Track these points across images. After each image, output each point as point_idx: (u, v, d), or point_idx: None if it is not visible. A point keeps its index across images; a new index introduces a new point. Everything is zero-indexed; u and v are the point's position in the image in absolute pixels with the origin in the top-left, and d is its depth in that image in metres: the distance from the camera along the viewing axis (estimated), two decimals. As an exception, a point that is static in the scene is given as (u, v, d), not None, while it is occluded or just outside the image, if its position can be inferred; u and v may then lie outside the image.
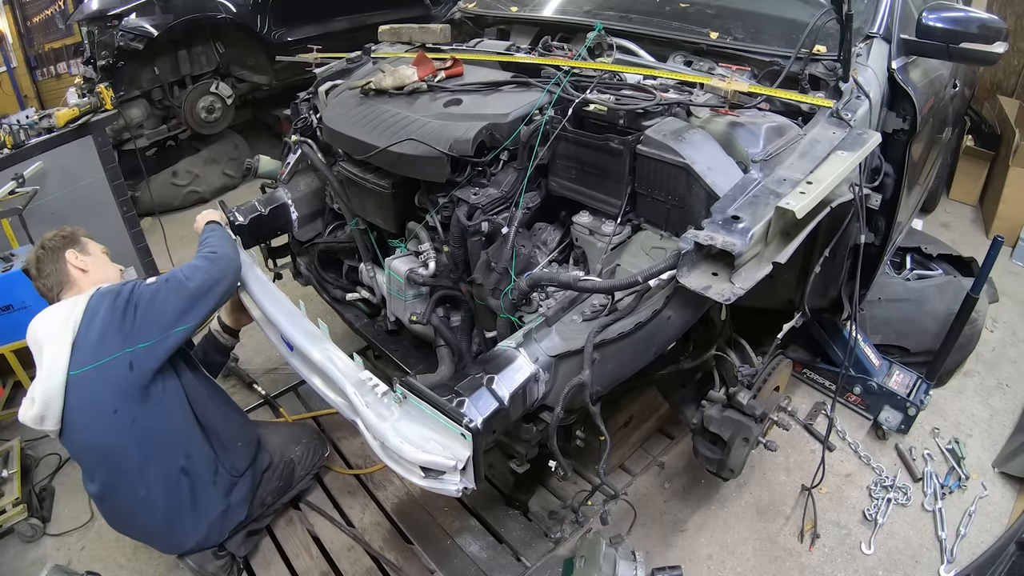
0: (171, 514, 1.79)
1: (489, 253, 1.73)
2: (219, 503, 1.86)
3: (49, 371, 1.59)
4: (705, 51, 2.09)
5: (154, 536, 1.87)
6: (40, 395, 1.60)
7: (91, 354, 1.60)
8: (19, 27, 6.07)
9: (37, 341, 1.65)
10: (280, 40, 4.54)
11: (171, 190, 4.52)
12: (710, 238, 1.30)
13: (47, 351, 1.61)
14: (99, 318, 1.62)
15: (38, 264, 1.78)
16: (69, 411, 1.61)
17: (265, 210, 2.33)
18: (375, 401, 1.42)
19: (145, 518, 1.79)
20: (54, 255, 1.78)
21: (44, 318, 1.68)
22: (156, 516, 1.78)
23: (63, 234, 1.84)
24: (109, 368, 1.61)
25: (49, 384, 1.59)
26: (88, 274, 1.81)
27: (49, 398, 1.59)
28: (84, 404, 1.62)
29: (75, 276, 1.79)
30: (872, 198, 1.76)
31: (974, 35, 1.79)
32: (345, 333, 2.70)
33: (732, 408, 1.78)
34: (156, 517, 1.78)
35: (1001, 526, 2.15)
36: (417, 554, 2.06)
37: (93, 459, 1.74)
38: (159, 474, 1.74)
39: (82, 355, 1.60)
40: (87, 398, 1.61)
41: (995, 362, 2.89)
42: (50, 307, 1.73)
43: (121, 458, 1.69)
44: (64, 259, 1.79)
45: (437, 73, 2.14)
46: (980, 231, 4.01)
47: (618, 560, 1.68)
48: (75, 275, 1.79)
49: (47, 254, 1.78)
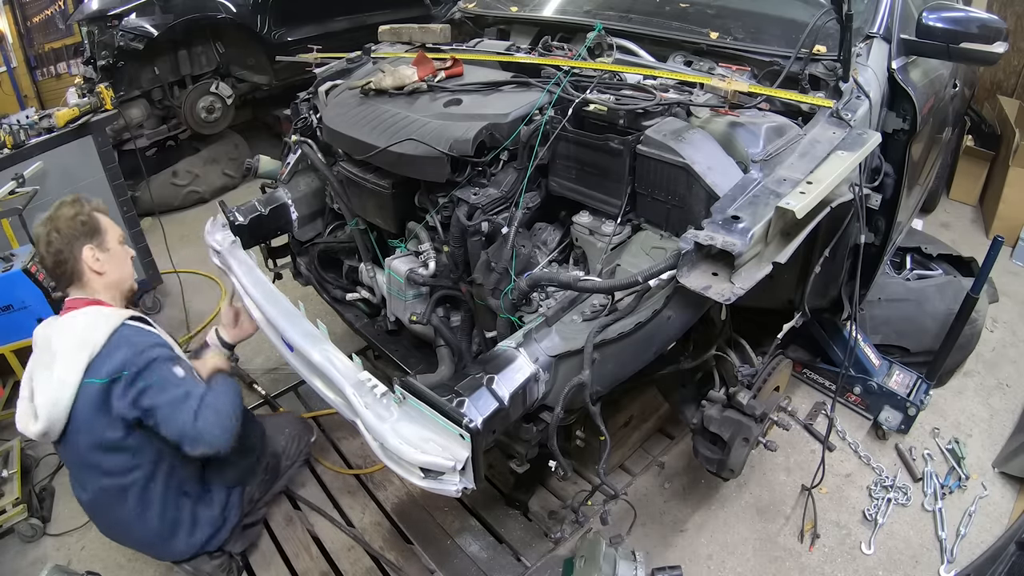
0: (168, 529, 1.76)
1: (489, 253, 1.73)
2: (218, 516, 1.85)
3: (59, 385, 1.55)
4: (705, 51, 2.08)
5: (148, 547, 1.83)
6: (46, 410, 1.55)
7: (103, 372, 1.56)
8: (19, 27, 6.06)
9: (49, 350, 1.59)
10: (280, 40, 4.54)
11: (171, 190, 4.52)
12: (710, 238, 1.30)
13: (59, 366, 1.55)
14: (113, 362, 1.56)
15: (52, 254, 1.65)
16: (72, 420, 1.58)
17: (265, 210, 2.33)
18: (374, 402, 1.42)
19: (139, 532, 1.75)
20: (70, 246, 1.65)
21: (60, 329, 1.61)
22: (150, 530, 1.74)
23: (81, 218, 1.68)
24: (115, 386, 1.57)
25: (58, 395, 1.55)
26: (103, 276, 1.71)
27: (55, 415, 1.56)
28: (89, 414, 1.57)
29: (89, 277, 1.69)
30: (872, 198, 1.76)
31: (974, 35, 1.78)
32: (345, 333, 2.70)
33: (732, 408, 1.78)
34: (150, 531, 1.74)
35: (1001, 526, 2.15)
36: (417, 554, 2.06)
37: (90, 471, 1.68)
38: (160, 491, 1.72)
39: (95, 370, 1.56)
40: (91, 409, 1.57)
41: (995, 362, 2.89)
42: (68, 318, 1.64)
43: (121, 473, 1.66)
44: (81, 256, 1.67)
45: (437, 73, 2.14)
46: (980, 231, 4.01)
47: (618, 560, 1.68)
48: (89, 276, 1.69)
49: (62, 241, 1.65)
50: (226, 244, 2.13)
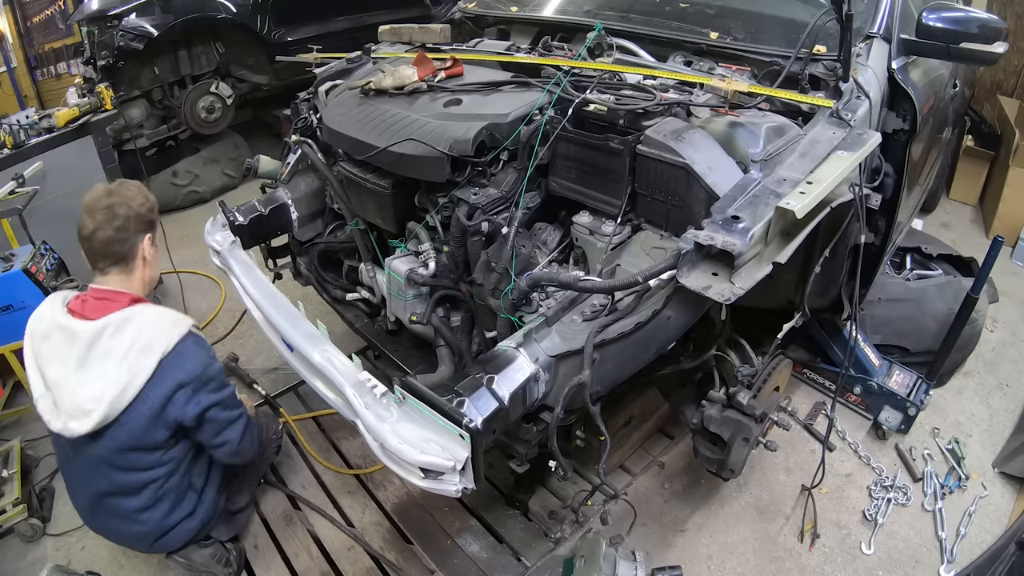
0: (173, 522, 1.77)
1: (489, 253, 1.73)
2: (212, 504, 1.86)
3: (128, 378, 1.54)
4: (705, 51, 2.09)
5: (143, 539, 1.80)
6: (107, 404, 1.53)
7: (172, 375, 1.58)
8: (19, 27, 6.06)
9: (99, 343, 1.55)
10: (280, 40, 4.54)
11: (171, 190, 4.52)
12: (710, 238, 1.30)
13: (129, 361, 1.54)
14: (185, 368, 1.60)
15: (115, 228, 1.58)
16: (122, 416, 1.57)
17: (265, 210, 2.33)
18: (374, 402, 1.42)
19: (142, 526, 1.74)
20: (136, 227, 1.63)
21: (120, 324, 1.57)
22: (154, 522, 1.74)
23: (151, 206, 1.68)
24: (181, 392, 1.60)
25: (124, 391, 1.54)
26: (148, 270, 1.71)
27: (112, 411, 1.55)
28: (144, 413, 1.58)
29: (137, 265, 1.67)
30: (872, 198, 1.76)
31: (974, 35, 1.78)
32: (345, 333, 2.70)
33: (732, 408, 1.78)
34: (154, 523, 1.74)
35: (1001, 526, 2.15)
36: (417, 554, 2.06)
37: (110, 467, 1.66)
38: (175, 485, 1.74)
39: (164, 372, 1.58)
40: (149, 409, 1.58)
41: (995, 362, 2.89)
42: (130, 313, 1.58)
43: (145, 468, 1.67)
44: (142, 242, 1.65)
45: (437, 73, 2.14)
46: (980, 231, 4.01)
47: (618, 560, 1.68)
48: (138, 264, 1.67)
49: (131, 221, 1.61)
50: (226, 244, 2.13)
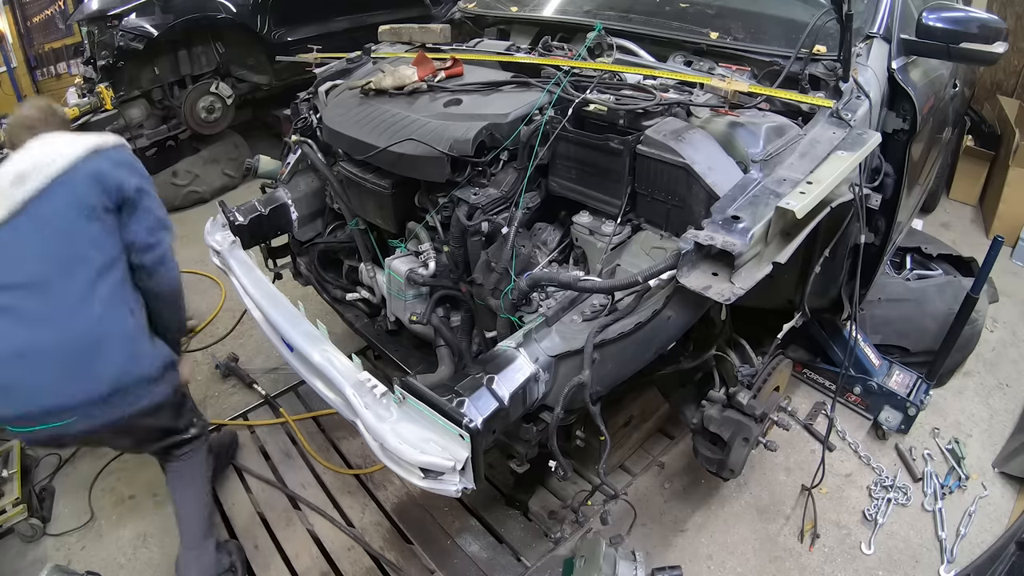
0: (139, 331, 1.70)
1: (489, 253, 1.73)
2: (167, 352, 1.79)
3: (55, 154, 1.65)
4: (705, 51, 2.08)
5: (127, 361, 1.64)
6: (32, 163, 1.64)
7: (112, 154, 1.74)
8: (19, 27, 6.06)
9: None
10: (280, 40, 4.53)
11: (171, 190, 4.51)
12: (710, 238, 1.30)
13: (61, 142, 1.69)
14: (121, 153, 1.76)
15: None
16: (64, 176, 1.65)
17: (265, 210, 2.33)
18: (374, 402, 1.41)
19: (117, 342, 1.62)
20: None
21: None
22: (126, 334, 1.66)
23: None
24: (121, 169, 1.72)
25: (51, 162, 1.64)
26: None
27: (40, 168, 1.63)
28: (83, 173, 1.66)
29: None
30: (872, 198, 1.76)
31: (974, 35, 1.78)
32: (345, 333, 2.70)
33: (732, 408, 1.78)
34: (126, 335, 1.66)
35: (1001, 526, 2.15)
36: (417, 554, 2.06)
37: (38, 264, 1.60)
38: (130, 292, 1.72)
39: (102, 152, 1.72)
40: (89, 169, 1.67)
41: (995, 362, 2.89)
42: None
43: (97, 254, 1.64)
44: None
45: (437, 73, 2.14)
46: (980, 231, 4.01)
47: (618, 560, 1.68)
48: None
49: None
50: (226, 244, 2.13)
